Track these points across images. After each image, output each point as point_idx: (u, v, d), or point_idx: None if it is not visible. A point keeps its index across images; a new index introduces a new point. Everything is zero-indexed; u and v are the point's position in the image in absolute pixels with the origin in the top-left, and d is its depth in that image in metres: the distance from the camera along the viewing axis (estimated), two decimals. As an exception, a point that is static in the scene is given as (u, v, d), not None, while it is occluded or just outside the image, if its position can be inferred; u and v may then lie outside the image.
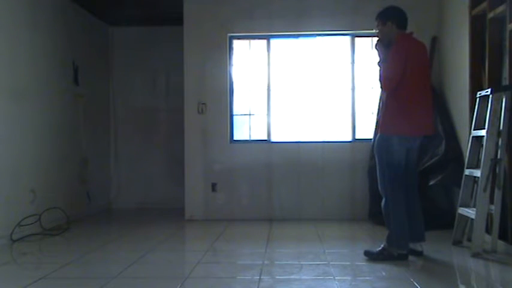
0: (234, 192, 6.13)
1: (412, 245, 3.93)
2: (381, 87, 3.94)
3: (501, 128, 4.03)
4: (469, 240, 4.27)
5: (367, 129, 6.02)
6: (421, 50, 3.98)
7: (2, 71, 4.76)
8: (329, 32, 6.12)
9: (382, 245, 3.91)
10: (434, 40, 5.81)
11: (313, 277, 3.44)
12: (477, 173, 4.13)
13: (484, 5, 4.54)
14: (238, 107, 6.26)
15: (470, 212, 4.17)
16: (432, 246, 4.19)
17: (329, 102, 6.16)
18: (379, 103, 5.53)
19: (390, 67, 3.82)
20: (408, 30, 4.02)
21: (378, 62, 3.95)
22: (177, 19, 6.24)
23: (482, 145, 4.20)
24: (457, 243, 4.40)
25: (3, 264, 3.98)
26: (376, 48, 3.99)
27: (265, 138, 6.19)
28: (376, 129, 5.58)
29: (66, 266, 3.78)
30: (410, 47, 3.88)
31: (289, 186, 6.08)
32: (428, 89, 3.99)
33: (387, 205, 3.90)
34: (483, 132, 4.11)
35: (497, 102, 4.03)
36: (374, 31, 4.07)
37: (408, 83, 3.80)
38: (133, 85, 7.43)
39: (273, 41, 6.23)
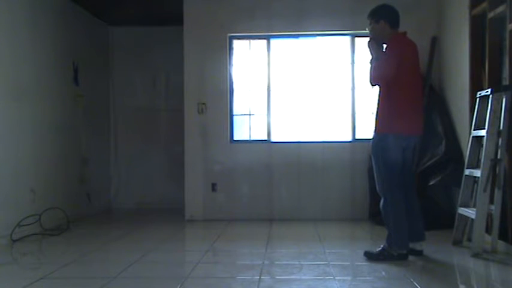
0: (234, 192, 6.13)
1: (412, 245, 3.93)
2: (370, 83, 3.95)
3: (501, 128, 4.03)
4: (469, 240, 4.27)
5: (367, 129, 6.02)
6: (414, 50, 3.98)
7: (3, 71, 4.75)
8: (329, 32, 6.12)
9: (382, 245, 3.91)
10: (434, 40, 5.80)
11: (313, 277, 3.44)
12: (477, 173, 4.13)
13: (484, 5, 4.53)
14: (238, 107, 6.25)
15: (470, 212, 4.17)
16: (432, 246, 4.19)
17: (329, 102, 6.16)
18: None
19: (384, 64, 3.82)
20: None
21: (370, 60, 3.95)
22: (177, 19, 6.24)
23: (482, 145, 4.20)
24: (457, 243, 4.39)
25: (3, 264, 3.98)
26: (368, 46, 3.98)
27: (265, 138, 6.19)
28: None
29: (66, 266, 3.77)
30: (404, 47, 3.89)
31: (289, 186, 6.08)
32: (420, 89, 3.99)
33: (386, 205, 3.90)
34: (483, 132, 4.10)
35: (497, 102, 4.03)
36: (367, 30, 4.04)
37: (403, 82, 3.81)
38: (134, 85, 7.44)
39: (273, 41, 6.22)
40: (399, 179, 3.89)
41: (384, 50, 3.93)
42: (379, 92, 3.97)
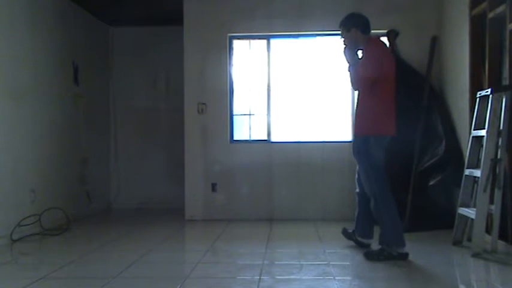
0: (234, 192, 6.13)
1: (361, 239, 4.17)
2: (354, 87, 4.08)
3: (501, 128, 4.03)
4: (469, 240, 4.27)
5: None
6: (390, 53, 4.14)
7: (2, 71, 4.75)
8: (329, 32, 6.11)
9: (380, 245, 3.91)
10: (434, 40, 5.80)
11: (313, 277, 3.44)
12: (477, 173, 4.13)
13: (484, 5, 4.54)
14: (238, 107, 6.25)
15: (470, 212, 4.17)
16: (432, 246, 4.20)
17: (329, 102, 6.16)
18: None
19: (366, 67, 3.92)
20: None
21: (348, 68, 4.07)
22: (177, 19, 6.24)
23: (482, 145, 4.20)
24: (457, 243, 4.39)
25: (3, 264, 3.99)
26: (344, 54, 4.11)
27: (265, 138, 6.19)
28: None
29: (66, 266, 3.78)
30: (383, 49, 4.05)
31: (289, 186, 6.08)
32: (394, 91, 4.06)
33: (378, 206, 3.90)
34: (483, 132, 4.11)
35: (497, 102, 4.03)
36: (340, 38, 4.18)
37: (383, 84, 3.91)
38: (134, 85, 7.43)
39: (273, 41, 6.22)
40: (386, 177, 3.93)
41: (359, 56, 4.06)
42: (360, 94, 4.06)
